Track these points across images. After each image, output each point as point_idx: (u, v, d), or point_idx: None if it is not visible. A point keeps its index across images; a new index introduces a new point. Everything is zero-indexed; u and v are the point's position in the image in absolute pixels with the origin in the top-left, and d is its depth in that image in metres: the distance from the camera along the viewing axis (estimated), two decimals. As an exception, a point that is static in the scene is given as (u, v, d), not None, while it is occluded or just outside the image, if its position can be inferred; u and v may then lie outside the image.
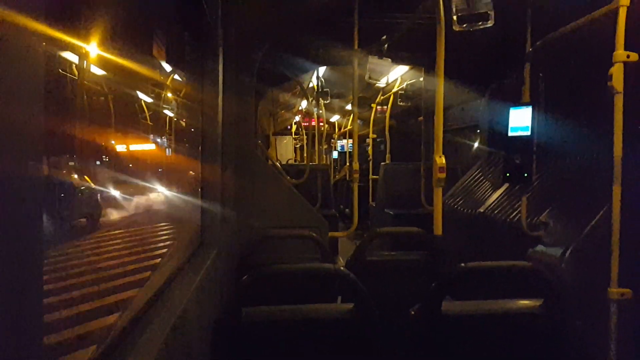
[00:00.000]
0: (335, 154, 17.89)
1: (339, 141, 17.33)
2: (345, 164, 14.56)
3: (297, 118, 16.04)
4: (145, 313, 1.94)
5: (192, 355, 2.24)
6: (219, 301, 3.24)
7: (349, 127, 14.24)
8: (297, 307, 2.46)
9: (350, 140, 14.80)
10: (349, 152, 14.76)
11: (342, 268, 2.61)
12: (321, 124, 9.69)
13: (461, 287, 2.57)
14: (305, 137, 16.11)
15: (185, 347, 2.11)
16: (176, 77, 3.28)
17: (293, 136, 18.48)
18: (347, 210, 11.14)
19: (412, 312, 2.45)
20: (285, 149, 20.54)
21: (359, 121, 13.21)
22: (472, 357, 2.45)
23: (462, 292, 2.83)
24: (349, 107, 13.49)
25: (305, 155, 17.52)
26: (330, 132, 16.72)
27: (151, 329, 1.78)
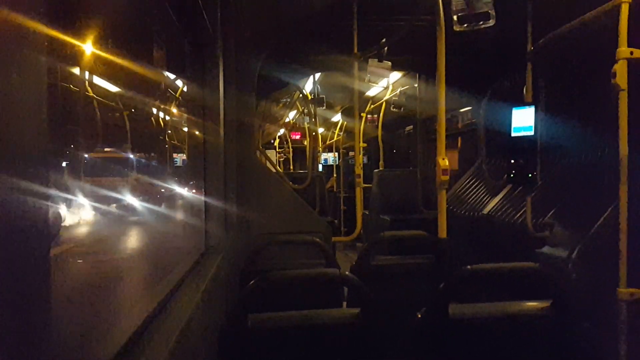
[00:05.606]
0: (320, 167, 17.86)
1: (323, 154, 17.31)
2: (332, 176, 14.56)
3: (282, 131, 16.01)
4: (152, 320, 1.91)
5: None
6: (224, 308, 3.19)
7: (335, 139, 14.18)
8: (303, 312, 2.42)
9: (336, 154, 14.88)
10: (336, 165, 14.77)
11: (347, 273, 2.57)
12: (313, 134, 9.70)
13: (466, 290, 2.55)
14: (291, 150, 16.09)
15: (192, 355, 2.07)
16: (185, 89, 3.33)
17: (277, 150, 18.48)
18: (335, 221, 11.10)
19: (419, 316, 2.43)
20: (269, 163, 20.53)
21: (344, 133, 13.30)
22: None
23: (468, 295, 2.79)
24: (335, 118, 13.45)
25: (291, 166, 17.55)
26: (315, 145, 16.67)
27: (158, 337, 1.75)
